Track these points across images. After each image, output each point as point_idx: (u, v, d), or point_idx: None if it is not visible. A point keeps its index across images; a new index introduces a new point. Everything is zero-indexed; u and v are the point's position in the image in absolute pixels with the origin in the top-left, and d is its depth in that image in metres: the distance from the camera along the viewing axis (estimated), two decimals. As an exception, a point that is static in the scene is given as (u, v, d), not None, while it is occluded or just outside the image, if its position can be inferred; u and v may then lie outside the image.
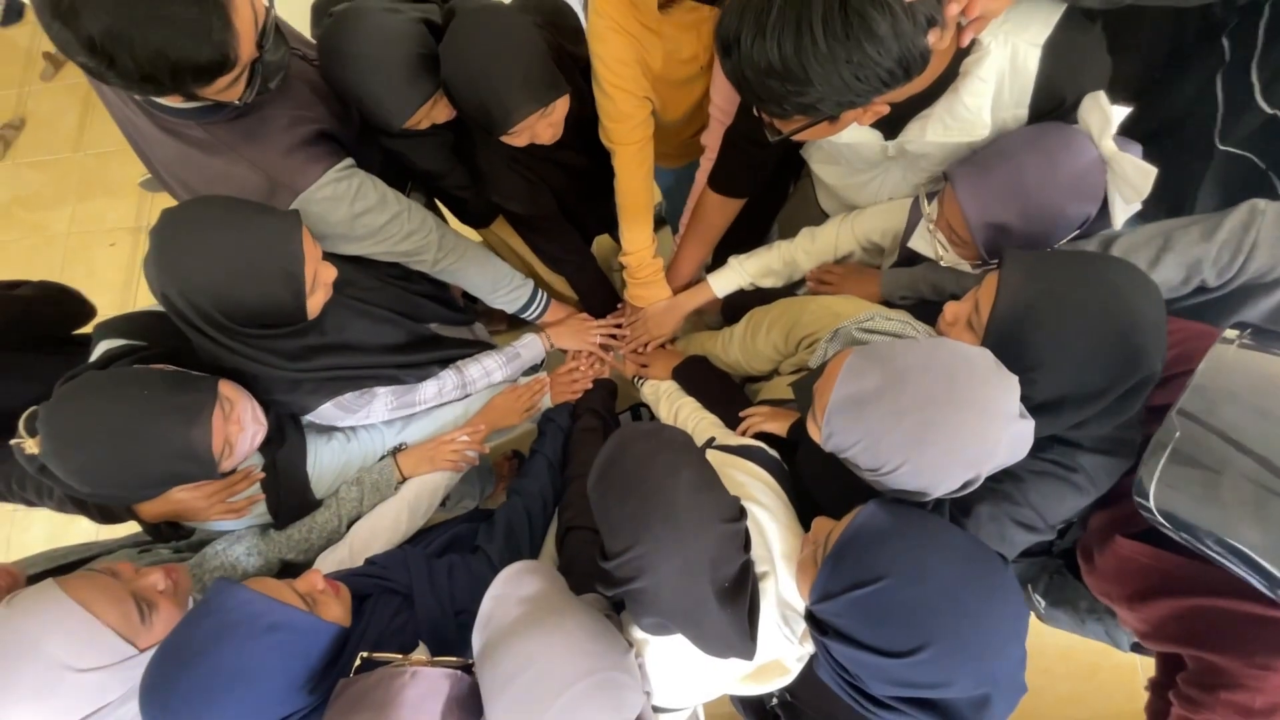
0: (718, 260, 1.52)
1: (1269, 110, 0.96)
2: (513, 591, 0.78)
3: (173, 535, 1.05)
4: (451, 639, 0.90)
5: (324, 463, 1.12)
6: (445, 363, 1.32)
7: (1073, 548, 1.06)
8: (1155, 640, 0.88)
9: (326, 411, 1.10)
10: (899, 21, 0.73)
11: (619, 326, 1.58)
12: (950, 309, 0.89)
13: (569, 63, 1.21)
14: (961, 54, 0.91)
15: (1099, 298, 0.75)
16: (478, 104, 1.07)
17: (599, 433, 1.34)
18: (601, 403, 1.42)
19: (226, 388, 0.93)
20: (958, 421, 0.69)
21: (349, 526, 1.13)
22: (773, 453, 0.99)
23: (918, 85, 0.89)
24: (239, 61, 0.84)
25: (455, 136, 1.26)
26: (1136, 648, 1.12)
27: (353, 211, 1.09)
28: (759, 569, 0.82)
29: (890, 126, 1.01)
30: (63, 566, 1.02)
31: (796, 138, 0.91)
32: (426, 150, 1.24)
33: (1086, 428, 0.81)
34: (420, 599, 0.94)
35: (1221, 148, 1.04)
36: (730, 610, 0.73)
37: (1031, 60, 0.89)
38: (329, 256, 1.01)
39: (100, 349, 0.98)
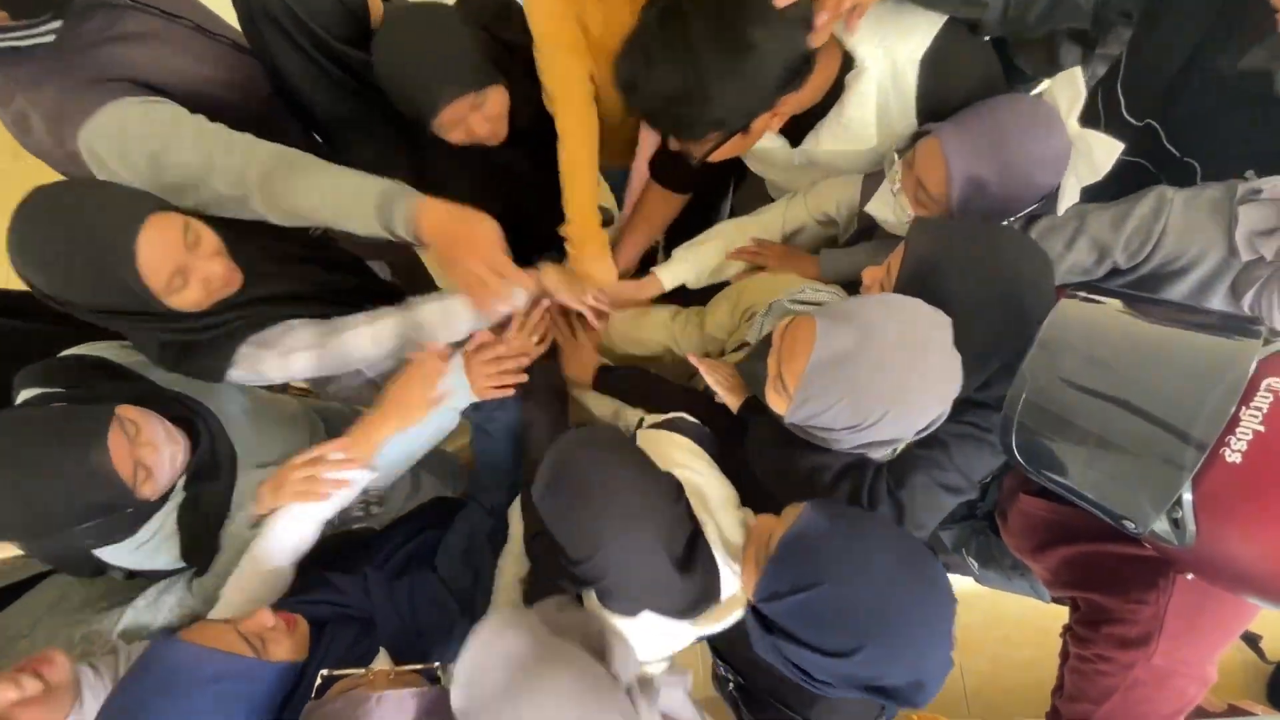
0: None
1: (1136, 124, 1.03)
2: (490, 656, 0.74)
3: (99, 573, 1.00)
4: (414, 657, 0.89)
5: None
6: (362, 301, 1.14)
7: (994, 509, 1.13)
8: (1057, 587, 0.95)
9: (246, 353, 0.98)
10: (773, 27, 0.78)
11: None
12: (868, 274, 0.94)
13: (515, 63, 1.20)
14: (847, 68, 0.96)
15: (985, 260, 0.82)
16: (407, 96, 1.09)
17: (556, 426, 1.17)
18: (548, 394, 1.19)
19: (127, 410, 0.88)
20: (929, 363, 0.76)
21: None
22: (694, 420, 1.02)
23: (811, 95, 0.94)
24: None
25: (405, 137, 1.22)
26: (1058, 600, 1.19)
27: (147, 150, 0.92)
28: (700, 518, 0.87)
29: (795, 137, 1.07)
30: (13, 586, 1.01)
31: (715, 157, 0.94)
32: (365, 144, 1.19)
33: (992, 389, 0.88)
34: (383, 623, 0.94)
35: None
36: (689, 576, 0.79)
37: (910, 75, 0.94)
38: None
39: (20, 400, 0.93)
